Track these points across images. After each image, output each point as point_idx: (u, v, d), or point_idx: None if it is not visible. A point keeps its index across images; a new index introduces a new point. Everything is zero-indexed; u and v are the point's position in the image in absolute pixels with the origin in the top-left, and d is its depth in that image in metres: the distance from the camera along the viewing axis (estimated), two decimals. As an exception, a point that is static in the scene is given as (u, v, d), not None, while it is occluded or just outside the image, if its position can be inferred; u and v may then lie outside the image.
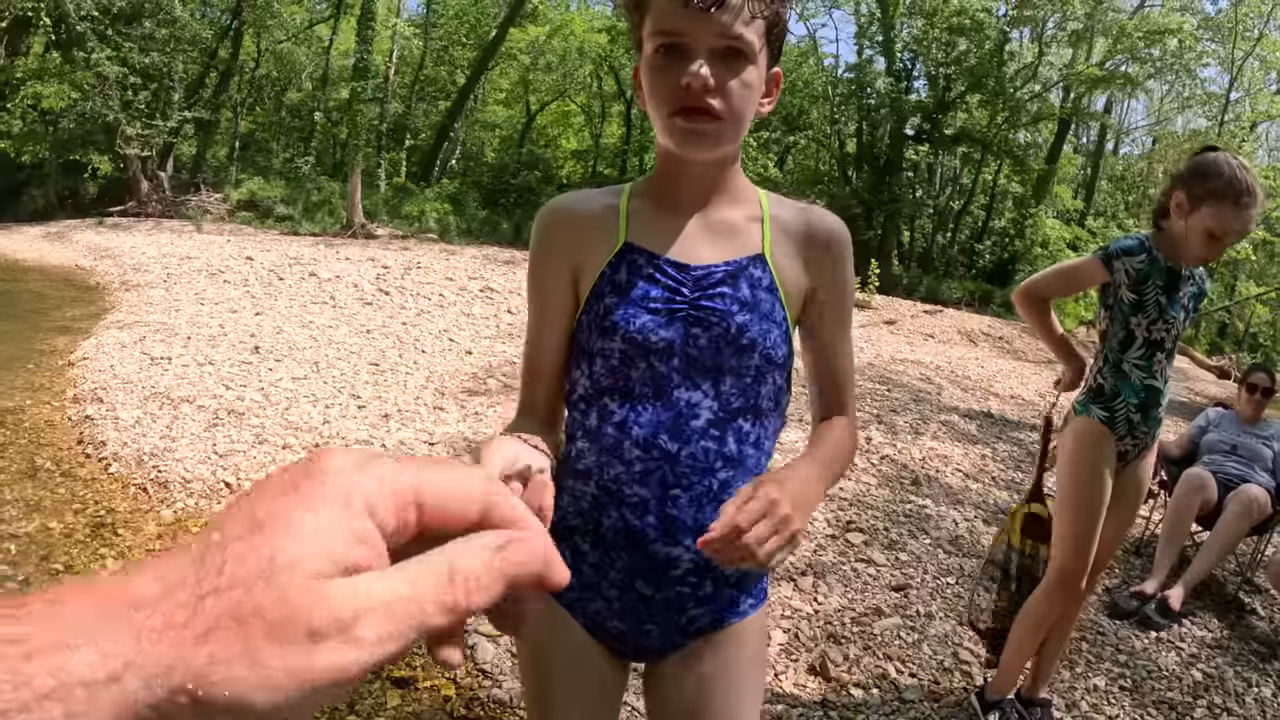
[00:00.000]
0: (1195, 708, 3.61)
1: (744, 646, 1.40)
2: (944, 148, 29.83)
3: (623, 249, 1.33)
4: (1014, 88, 28.58)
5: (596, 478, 1.31)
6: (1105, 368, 2.75)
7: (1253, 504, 4.61)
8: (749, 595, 1.41)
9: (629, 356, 1.29)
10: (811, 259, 1.39)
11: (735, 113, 1.23)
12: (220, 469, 4.29)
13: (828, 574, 4.03)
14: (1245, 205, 2.48)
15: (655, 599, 1.32)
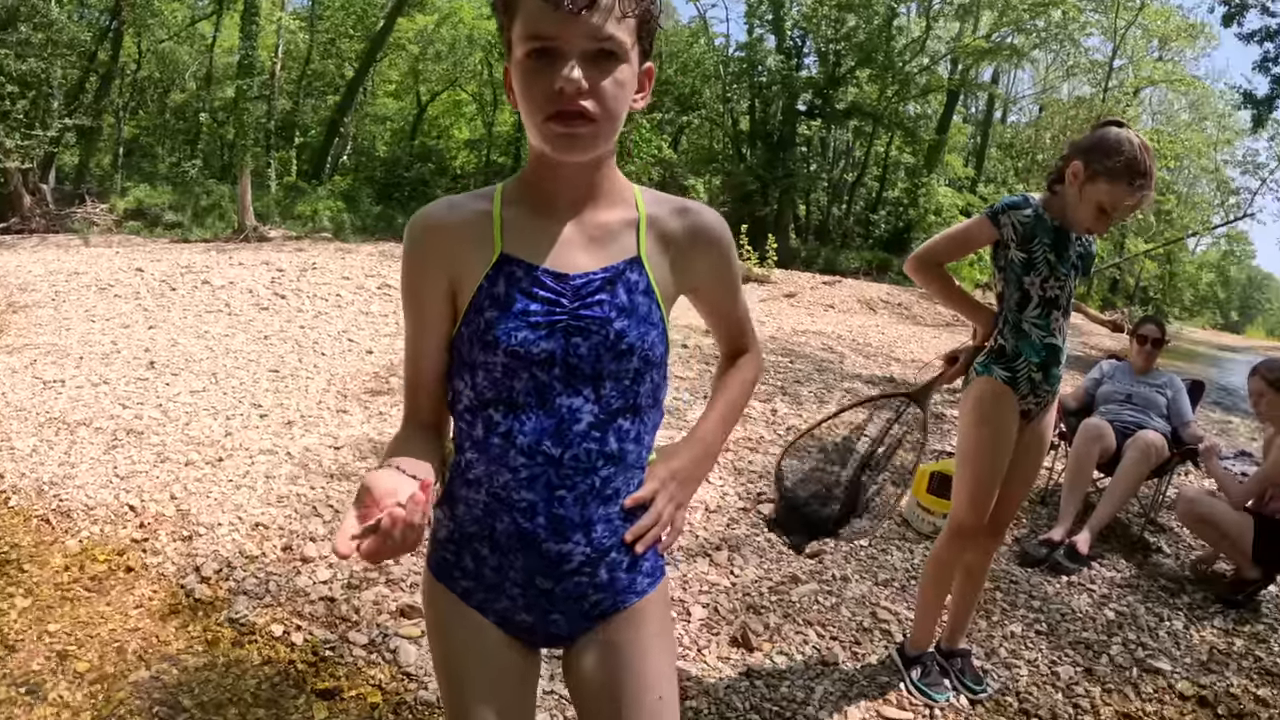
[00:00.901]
0: (1110, 645, 3.78)
1: (649, 621, 1.48)
2: (836, 122, 30.45)
3: (499, 260, 1.36)
4: (903, 61, 29.32)
5: (486, 486, 1.38)
6: (1005, 328, 2.83)
7: (1150, 449, 4.84)
8: (644, 575, 1.48)
9: (511, 369, 1.33)
10: (693, 259, 1.46)
11: (610, 113, 1.26)
12: (123, 492, 4.16)
13: (742, 546, 4.09)
14: (1140, 187, 2.57)
15: (556, 592, 1.41)
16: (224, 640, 3.10)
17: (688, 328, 9.79)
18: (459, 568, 1.44)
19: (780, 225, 27.85)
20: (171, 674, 2.93)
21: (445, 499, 1.45)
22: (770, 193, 28.87)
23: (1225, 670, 3.76)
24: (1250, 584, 4.42)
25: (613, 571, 1.43)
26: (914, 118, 33.07)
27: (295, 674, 2.98)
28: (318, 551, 3.70)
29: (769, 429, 5.94)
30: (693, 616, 3.49)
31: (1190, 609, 4.29)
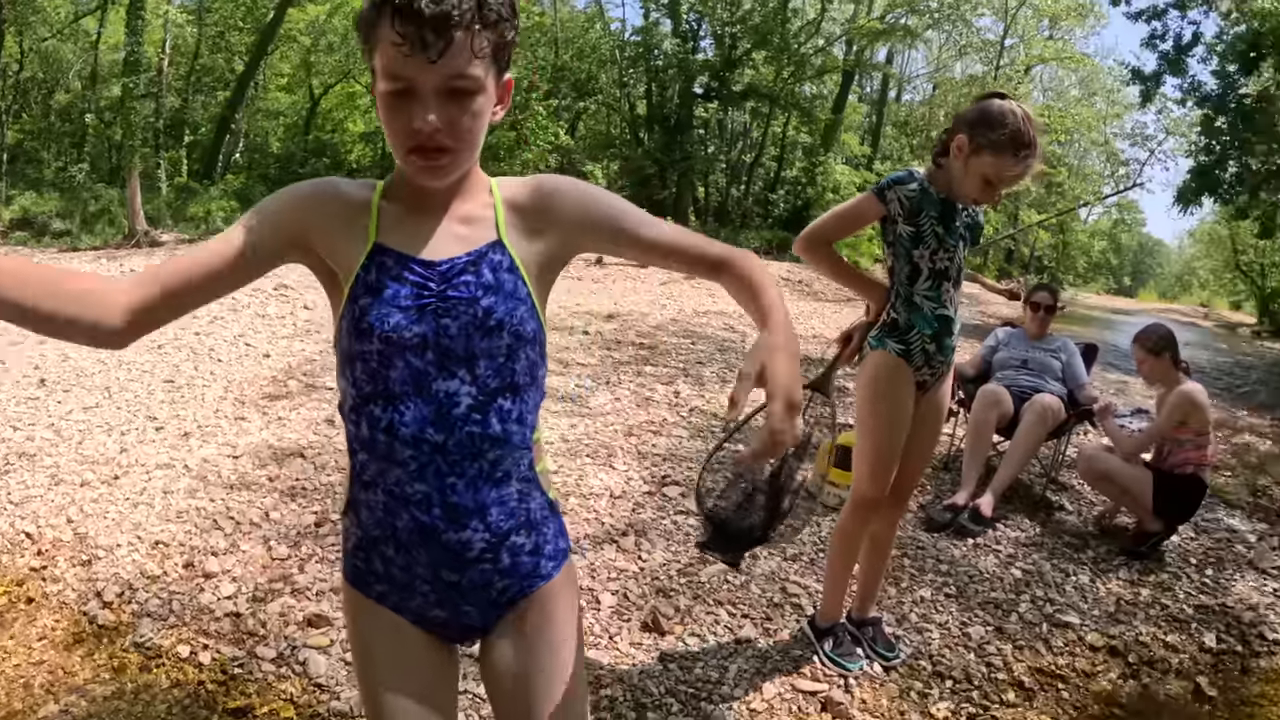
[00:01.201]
0: (1019, 603, 3.85)
1: (557, 606, 1.53)
2: (733, 104, 30.75)
3: (373, 250, 1.40)
4: (798, 43, 29.71)
5: (381, 485, 1.41)
6: (897, 302, 2.84)
7: (1046, 411, 4.96)
8: (547, 559, 1.52)
9: (386, 356, 1.36)
10: (551, 219, 1.49)
11: (468, 143, 1.34)
12: (18, 519, 3.94)
13: (649, 530, 4.06)
14: (1024, 157, 2.60)
15: (462, 583, 1.44)
16: (131, 666, 2.96)
17: (588, 314, 9.76)
18: (371, 572, 1.46)
19: (679, 208, 28.05)
20: (80, 706, 2.79)
21: (349, 506, 1.47)
22: (668, 176, 29.02)
23: (1133, 620, 3.87)
24: (1152, 535, 4.56)
25: (515, 556, 1.46)
26: (810, 98, 33.56)
27: (205, 695, 2.86)
28: (220, 566, 3.57)
29: (672, 411, 5.93)
30: (602, 605, 3.45)
31: (1095, 563, 4.40)
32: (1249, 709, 3.36)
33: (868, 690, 3.09)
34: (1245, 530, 5.27)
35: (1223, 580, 4.46)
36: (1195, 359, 15.77)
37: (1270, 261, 42.00)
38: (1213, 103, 25.97)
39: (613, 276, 15.41)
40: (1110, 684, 3.37)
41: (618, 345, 7.95)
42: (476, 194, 1.47)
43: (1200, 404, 4.53)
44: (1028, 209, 37.54)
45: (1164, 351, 4.67)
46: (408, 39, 1.23)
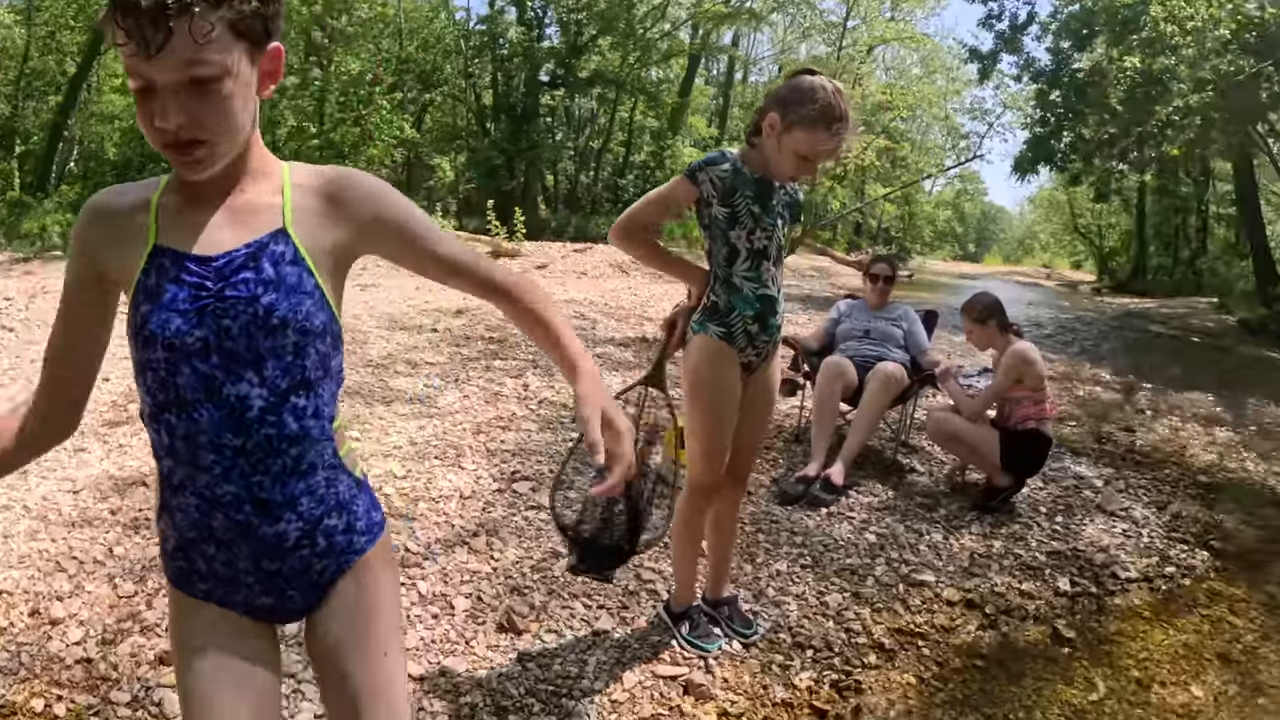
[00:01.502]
0: (875, 567, 3.92)
1: (371, 579, 1.55)
2: (579, 91, 30.75)
3: (152, 252, 1.36)
4: (644, 28, 29.88)
5: (191, 488, 1.39)
6: (717, 285, 2.82)
7: (889, 378, 5.07)
8: (360, 534, 1.53)
9: (172, 363, 1.34)
10: (344, 216, 1.45)
11: (224, 129, 1.29)
12: None
13: (500, 529, 3.98)
14: (837, 131, 2.61)
15: (284, 570, 1.45)
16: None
17: (437, 311, 9.57)
18: (194, 571, 1.45)
19: (528, 197, 27.97)
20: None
21: (162, 510, 1.47)
22: (516, 165, 28.87)
23: (988, 571, 3.99)
24: (1002, 490, 4.71)
25: (330, 537, 1.48)
26: (656, 82, 33.82)
27: (65, 749, 2.68)
28: (66, 610, 3.32)
29: (521, 405, 5.84)
30: (457, 609, 3.35)
31: (948, 520, 4.52)
32: (1107, 646, 3.50)
33: (729, 669, 3.08)
34: (1092, 476, 5.51)
35: (1073, 526, 4.65)
36: (1039, 317, 16.51)
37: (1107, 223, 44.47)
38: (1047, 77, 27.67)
39: (463, 272, 15.17)
40: (970, 636, 3.47)
41: (467, 341, 7.81)
42: (261, 181, 1.41)
43: (1032, 360, 4.68)
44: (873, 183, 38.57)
45: (989, 319, 4.84)
46: (130, 35, 1.18)
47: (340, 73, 26.43)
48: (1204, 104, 14.40)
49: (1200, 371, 10.74)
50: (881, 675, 3.15)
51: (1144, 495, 5.28)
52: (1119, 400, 8.33)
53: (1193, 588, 4.10)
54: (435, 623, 3.21)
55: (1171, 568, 4.26)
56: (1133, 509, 4.97)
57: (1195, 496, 5.40)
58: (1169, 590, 4.04)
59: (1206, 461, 6.25)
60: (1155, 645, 3.54)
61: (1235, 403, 8.63)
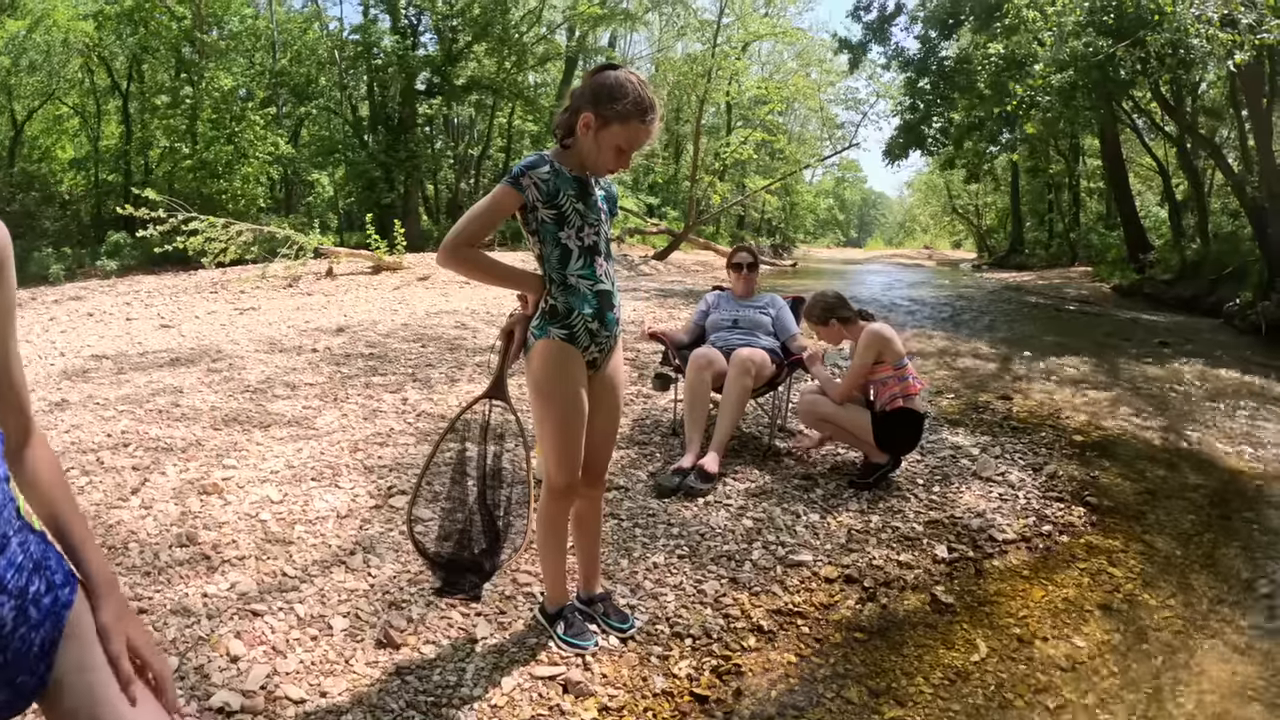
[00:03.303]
0: (752, 551, 3.97)
1: (87, 626, 1.44)
2: (456, 98, 30.60)
3: None
4: (519, 33, 29.81)
5: None
6: (553, 288, 2.84)
7: (747, 363, 5.13)
8: (61, 587, 1.42)
9: None
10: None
11: None
12: None
13: (377, 545, 3.92)
14: (650, 121, 2.71)
15: (9, 659, 1.32)
16: None
17: (316, 330, 9.41)
18: None
19: (409, 208, 27.80)
20: None
21: None
22: (395, 177, 28.61)
23: (866, 546, 4.07)
24: (880, 468, 4.79)
25: (38, 603, 1.36)
26: (534, 86, 33.85)
27: None
28: None
29: (399, 419, 5.77)
30: (335, 629, 3.29)
31: (825, 500, 4.60)
32: (987, 608, 3.60)
33: (607, 664, 3.09)
34: (969, 445, 5.65)
35: (950, 494, 4.77)
36: (920, 296, 16.90)
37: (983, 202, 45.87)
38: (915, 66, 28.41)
39: (344, 287, 14.94)
40: (849, 610, 3.53)
41: (346, 359, 7.68)
42: None
43: (888, 338, 4.79)
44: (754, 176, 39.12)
45: (829, 318, 4.96)
46: None
47: (212, 89, 25.77)
48: (1064, 84, 14.97)
49: (1076, 337, 11.14)
50: (761, 657, 3.19)
51: (1020, 459, 5.44)
52: (996, 370, 8.57)
53: (1070, 544, 4.24)
54: (314, 644, 3.15)
55: (1049, 526, 4.41)
56: (1009, 473, 5.12)
57: (1071, 456, 5.60)
58: (1047, 548, 4.18)
59: (1081, 421, 6.48)
60: (1035, 603, 3.65)
61: (1109, 364, 8.97)
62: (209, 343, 8.72)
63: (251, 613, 3.29)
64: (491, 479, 3.14)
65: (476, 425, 3.13)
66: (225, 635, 3.11)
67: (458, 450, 3.17)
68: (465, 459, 3.17)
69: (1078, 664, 3.21)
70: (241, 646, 3.07)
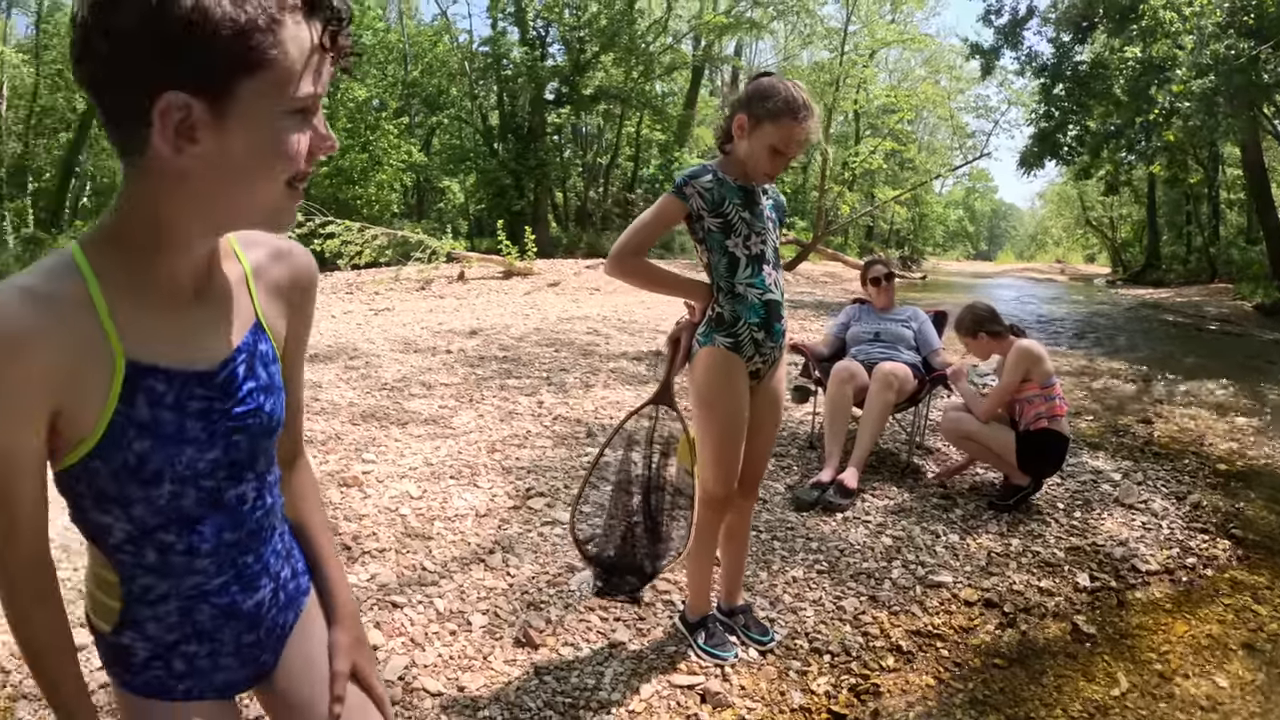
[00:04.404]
0: (891, 570, 3.90)
1: (316, 614, 1.52)
2: (584, 108, 31.01)
3: (129, 374, 1.09)
4: (646, 43, 30.10)
5: (175, 596, 1.27)
6: (720, 296, 2.83)
7: (890, 377, 5.05)
8: (303, 575, 1.50)
9: (178, 492, 1.18)
10: (292, 303, 1.35)
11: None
12: None
13: (515, 545, 3.98)
14: (803, 118, 2.67)
15: (260, 637, 1.39)
16: None
17: (450, 332, 9.60)
18: (172, 675, 1.32)
19: (538, 216, 28.19)
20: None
21: (128, 626, 1.27)
22: (525, 184, 29.08)
23: (1006, 570, 3.96)
24: (1021, 490, 4.66)
25: (285, 589, 1.43)
26: (661, 96, 34.05)
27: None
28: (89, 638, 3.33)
29: (535, 422, 5.85)
30: (474, 625, 3.35)
31: (965, 521, 4.50)
32: (1128, 641, 3.46)
33: (745, 676, 3.07)
34: (1110, 470, 5.47)
35: (1091, 520, 4.61)
36: (1054, 313, 16.43)
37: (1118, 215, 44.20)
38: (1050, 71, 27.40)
39: (476, 291, 15.24)
40: (988, 635, 3.44)
41: (481, 361, 7.84)
42: (224, 255, 1.23)
43: (1038, 356, 4.66)
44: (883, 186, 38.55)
45: (979, 331, 4.83)
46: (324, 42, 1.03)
47: (347, 100, 26.73)
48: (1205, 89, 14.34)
49: (1217, 359, 10.69)
50: (900, 678, 3.13)
51: (1163, 487, 5.23)
52: (1136, 392, 8.27)
53: (1215, 578, 4.06)
54: (452, 639, 3.21)
55: (1192, 559, 4.22)
56: (1152, 501, 4.93)
57: (1215, 486, 5.35)
58: (1190, 581, 4.01)
59: (1226, 450, 6.20)
60: (1177, 637, 3.50)
61: (1253, 389, 8.57)
62: (346, 341, 8.98)
63: (391, 604, 3.37)
64: (655, 484, 3.14)
65: (642, 430, 3.14)
66: (365, 625, 3.20)
67: (622, 453, 3.19)
68: (629, 463, 3.18)
69: (1219, 704, 3.06)
70: (381, 636, 3.16)
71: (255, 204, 1.06)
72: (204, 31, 0.91)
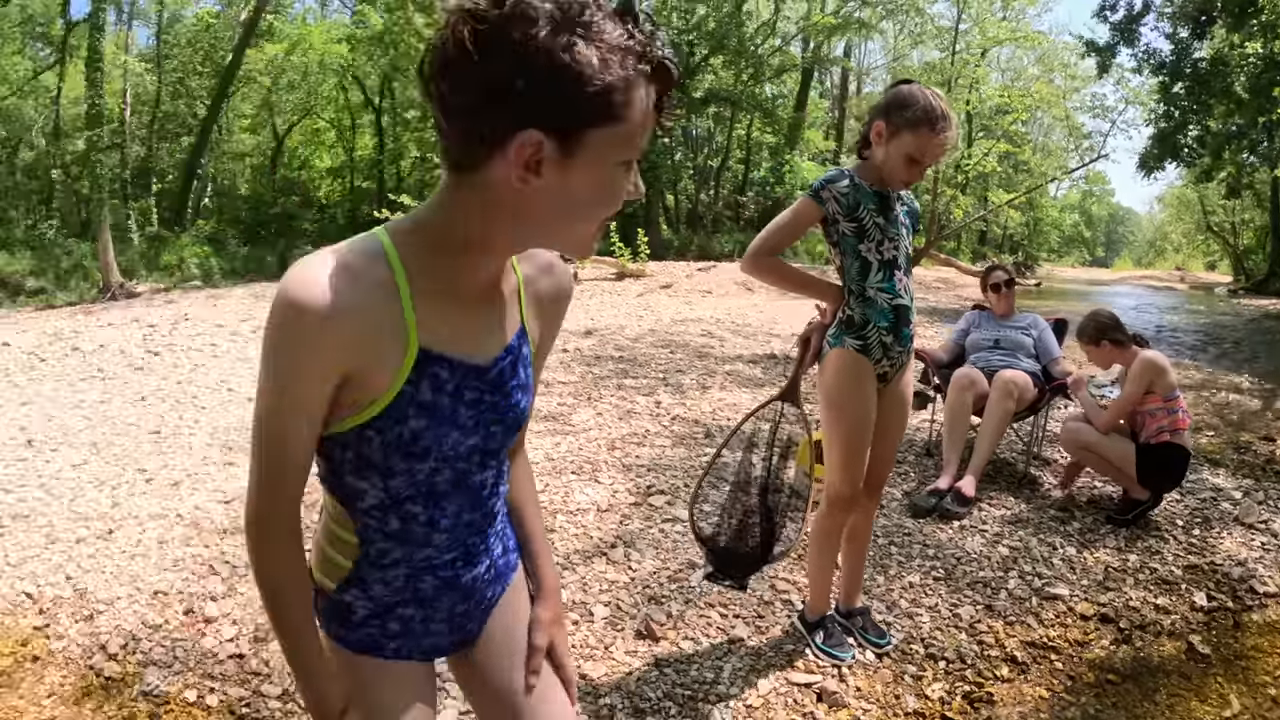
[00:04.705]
0: (1008, 580, 3.90)
1: (521, 589, 1.60)
2: (695, 110, 30.99)
3: (419, 359, 1.21)
4: (755, 45, 30.03)
5: (405, 563, 1.37)
6: (851, 299, 2.89)
7: (1010, 385, 5.02)
8: (512, 551, 1.58)
9: (437, 470, 1.31)
10: (549, 316, 1.45)
11: None
12: (17, 580, 3.92)
13: (637, 540, 4.10)
14: (941, 129, 2.69)
15: (470, 608, 1.48)
16: (140, 715, 2.96)
17: (566, 332, 9.77)
18: (385, 634, 1.43)
19: (650, 218, 28.27)
20: (94, 757, 2.81)
21: (354, 584, 1.38)
22: (637, 186, 29.19)
23: (1123, 585, 3.92)
24: (1140, 504, 4.60)
25: (497, 564, 1.51)
26: (771, 98, 33.91)
27: (215, 736, 2.89)
28: (219, 610, 3.57)
29: (654, 421, 5.97)
30: (596, 616, 3.47)
31: (1082, 534, 4.46)
32: (1244, 663, 3.40)
33: (861, 678, 3.13)
34: (1230, 488, 5.34)
35: (1210, 539, 4.52)
36: (1173, 323, 15.94)
37: (1241, 220, 42.31)
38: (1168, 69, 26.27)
39: (589, 292, 15.44)
40: (1103, 650, 3.42)
41: (597, 361, 7.99)
42: (507, 270, 1.36)
43: (1162, 368, 4.59)
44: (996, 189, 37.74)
45: (1102, 339, 4.77)
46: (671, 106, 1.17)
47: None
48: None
49: (1347, 375, 10.26)
50: (1014, 688, 3.14)
51: (1286, 507, 5.10)
52: (1259, 408, 8.03)
53: (1337, 603, 3.97)
54: (575, 629, 3.33)
55: (1315, 582, 4.13)
56: (1272, 521, 4.81)
57: (1342, 508, 5.19)
58: (1309, 606, 3.92)
59: (1353, 472, 5.99)
60: (1294, 662, 3.45)
61: (1384, 410, 8.23)
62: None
63: (514, 593, 3.51)
64: (774, 480, 3.22)
65: (762, 433, 3.23)
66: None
67: (741, 455, 3.28)
68: (748, 464, 3.27)
69: (1335, 733, 3.02)
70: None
71: (574, 236, 1.20)
72: (575, 83, 1.02)
